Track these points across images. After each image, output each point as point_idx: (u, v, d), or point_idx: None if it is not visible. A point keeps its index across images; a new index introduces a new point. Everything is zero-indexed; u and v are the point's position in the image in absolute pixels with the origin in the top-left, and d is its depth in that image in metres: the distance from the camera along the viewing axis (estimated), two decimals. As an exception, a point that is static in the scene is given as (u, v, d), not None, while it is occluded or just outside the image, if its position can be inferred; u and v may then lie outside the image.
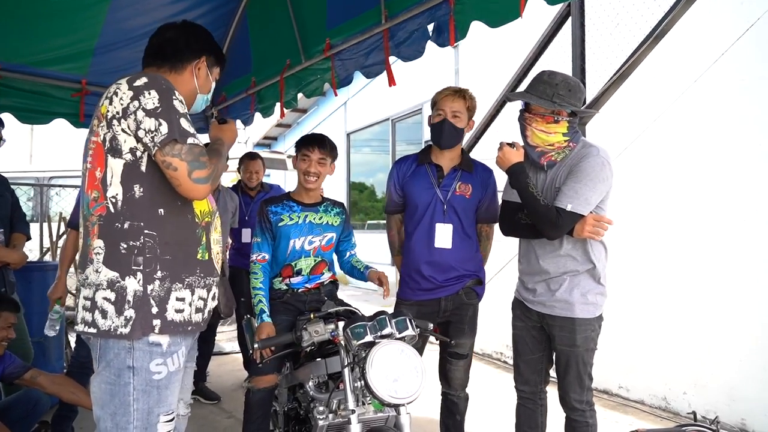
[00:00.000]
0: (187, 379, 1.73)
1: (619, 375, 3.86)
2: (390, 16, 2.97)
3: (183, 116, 1.48)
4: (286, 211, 2.48)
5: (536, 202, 2.02)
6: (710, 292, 3.37)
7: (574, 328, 2.08)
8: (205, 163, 1.49)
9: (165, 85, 1.48)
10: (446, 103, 2.40)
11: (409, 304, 2.45)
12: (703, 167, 3.46)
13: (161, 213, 1.50)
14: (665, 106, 3.57)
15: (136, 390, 1.45)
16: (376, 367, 1.60)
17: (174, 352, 1.52)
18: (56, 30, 3.38)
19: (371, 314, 1.83)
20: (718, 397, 3.29)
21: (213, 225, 1.66)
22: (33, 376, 2.39)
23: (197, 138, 1.50)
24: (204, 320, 1.62)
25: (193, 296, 1.56)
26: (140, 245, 1.47)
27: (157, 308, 1.47)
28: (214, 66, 1.76)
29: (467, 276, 2.46)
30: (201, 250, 1.59)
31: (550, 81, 2.07)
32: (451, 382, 2.51)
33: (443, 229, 2.40)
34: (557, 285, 2.10)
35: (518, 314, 2.30)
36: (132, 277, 1.45)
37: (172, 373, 1.51)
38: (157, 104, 1.44)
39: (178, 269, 1.52)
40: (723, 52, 3.14)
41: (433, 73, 6.80)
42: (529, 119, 2.10)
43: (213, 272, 1.63)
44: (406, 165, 2.56)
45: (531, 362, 2.26)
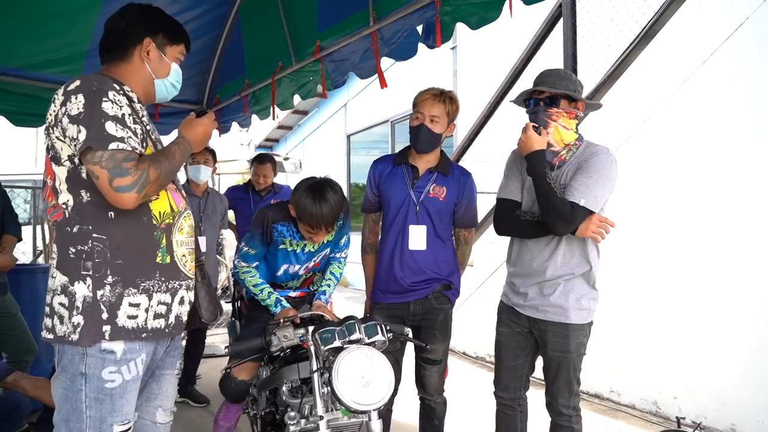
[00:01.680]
0: (168, 386, 1.67)
1: (610, 379, 3.83)
2: (378, 18, 2.97)
3: (113, 119, 1.38)
4: (289, 235, 2.38)
5: (553, 194, 1.93)
6: (701, 297, 3.34)
7: (568, 333, 2.04)
8: (128, 169, 1.37)
9: (96, 87, 1.40)
10: (425, 106, 2.35)
11: (379, 308, 2.44)
12: (693, 168, 3.43)
13: (111, 216, 1.44)
14: (656, 107, 3.54)
15: (88, 397, 1.41)
16: (342, 373, 1.58)
17: (130, 360, 1.46)
18: (49, 33, 3.39)
19: (341, 318, 1.82)
20: (708, 401, 3.25)
21: (177, 226, 1.57)
22: (15, 379, 2.38)
23: (128, 141, 1.39)
24: (170, 326, 1.55)
25: (151, 301, 1.49)
26: (88, 249, 1.42)
27: (107, 314, 1.42)
28: (167, 45, 1.61)
29: (437, 280, 2.42)
30: (161, 253, 1.52)
31: (569, 77, 2.06)
32: (427, 388, 2.48)
33: (417, 230, 2.37)
34: (551, 289, 2.05)
35: (504, 319, 2.24)
36: (81, 282, 1.42)
37: (127, 382, 1.45)
38: (81, 109, 1.37)
39: (131, 274, 1.46)
40: (712, 52, 3.11)
41: (431, 74, 6.79)
42: (555, 115, 2.03)
43: (178, 276, 1.56)
44: (383, 165, 2.54)
45: (512, 369, 2.22)
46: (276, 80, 3.76)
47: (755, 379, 3.06)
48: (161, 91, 1.64)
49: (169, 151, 1.52)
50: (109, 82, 1.45)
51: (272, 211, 2.37)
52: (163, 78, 1.62)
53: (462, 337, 4.70)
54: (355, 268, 2.66)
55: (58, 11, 3.23)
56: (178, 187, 1.67)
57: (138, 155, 1.42)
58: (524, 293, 2.12)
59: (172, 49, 1.63)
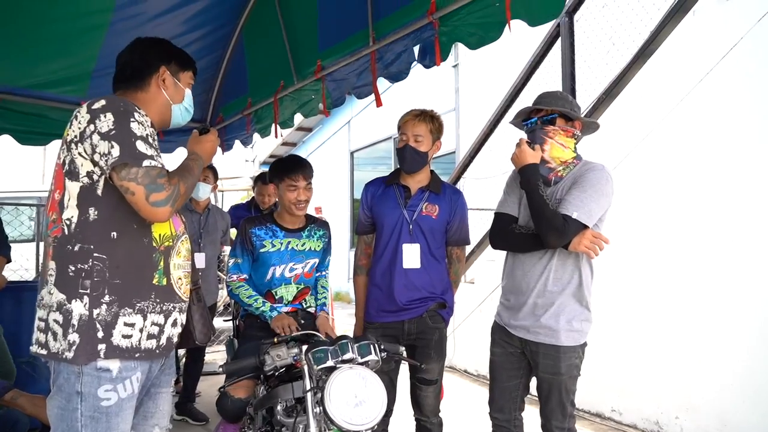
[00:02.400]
0: (163, 404, 1.69)
1: (611, 398, 3.79)
2: (377, 38, 3.02)
3: (141, 138, 1.46)
4: (269, 236, 2.46)
5: (545, 206, 1.95)
6: (702, 316, 3.32)
7: (559, 356, 2.02)
8: (162, 185, 1.45)
9: (123, 108, 1.47)
10: (408, 127, 2.40)
11: (374, 327, 2.44)
12: (691, 185, 3.44)
13: (114, 236, 1.48)
14: (654, 124, 3.56)
15: (84, 416, 1.42)
16: (334, 392, 1.58)
17: (126, 378, 1.47)
18: (56, 54, 3.45)
19: (335, 338, 1.82)
20: (709, 421, 3.22)
21: (175, 249, 1.61)
22: (13, 397, 2.39)
23: (156, 159, 1.47)
24: (161, 347, 1.57)
25: (145, 322, 1.52)
26: (88, 268, 1.45)
27: (102, 333, 1.44)
28: (180, 72, 1.71)
29: (431, 299, 2.43)
30: (158, 275, 1.55)
31: (565, 97, 2.12)
32: (423, 409, 2.47)
33: (410, 249, 2.39)
34: (542, 310, 2.04)
35: (497, 339, 2.24)
36: (78, 300, 1.43)
37: (123, 400, 1.47)
38: (112, 127, 1.43)
39: (128, 294, 1.48)
40: (708, 71, 3.13)
41: (434, 92, 6.85)
42: (552, 132, 2.07)
43: (173, 298, 1.59)
44: (375, 187, 2.57)
45: (507, 389, 2.20)
46: (278, 99, 3.81)
47: (757, 398, 3.02)
48: (176, 116, 1.72)
49: (188, 167, 1.61)
50: (131, 104, 1.52)
51: (248, 221, 2.50)
52: (179, 103, 1.71)
53: (463, 355, 4.68)
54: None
55: (65, 33, 3.30)
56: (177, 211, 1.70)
57: (167, 172, 1.50)
58: (516, 310, 2.12)
59: (184, 75, 1.72)
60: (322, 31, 3.46)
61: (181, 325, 1.64)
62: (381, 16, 3.02)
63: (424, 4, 2.68)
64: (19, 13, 3.06)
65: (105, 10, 3.25)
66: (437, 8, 2.62)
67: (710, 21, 3.38)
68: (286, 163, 2.51)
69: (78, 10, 3.18)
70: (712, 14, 3.36)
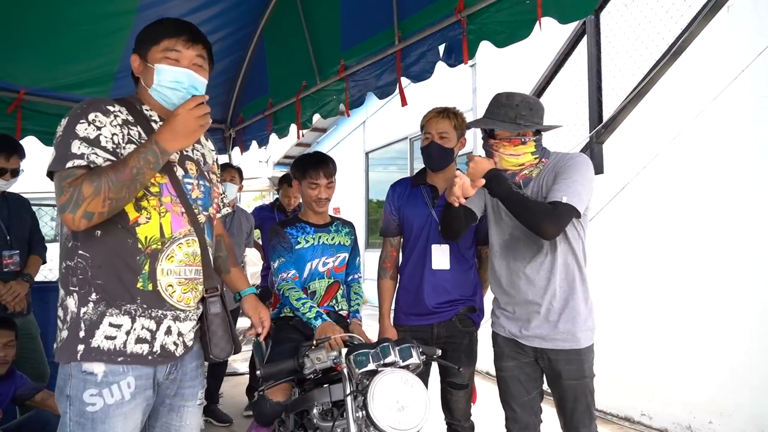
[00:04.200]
0: (190, 418, 1.59)
1: (641, 402, 3.73)
2: (403, 38, 3.00)
3: (83, 139, 1.34)
4: (301, 233, 2.47)
5: (526, 200, 1.85)
6: (735, 317, 3.25)
7: (581, 358, 1.95)
8: (63, 188, 1.30)
9: (81, 110, 1.39)
10: (432, 125, 2.36)
11: (403, 330, 2.40)
12: (721, 187, 3.37)
13: (98, 234, 1.41)
14: (684, 125, 3.49)
15: (72, 421, 1.36)
16: (377, 396, 1.55)
17: (113, 382, 1.37)
18: (80, 56, 3.48)
19: (375, 341, 1.79)
20: (745, 426, 3.15)
21: (166, 253, 1.45)
22: (44, 398, 2.41)
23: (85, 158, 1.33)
24: (155, 354, 1.45)
25: (134, 324, 1.42)
26: (74, 265, 1.40)
27: (84, 332, 1.37)
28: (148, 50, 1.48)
29: (461, 301, 2.38)
30: (142, 279, 1.43)
31: (510, 103, 1.96)
32: (454, 413, 2.44)
33: (440, 250, 2.35)
34: (557, 315, 1.95)
35: (507, 353, 2.09)
36: (71, 297, 1.40)
37: (110, 406, 1.37)
38: (60, 133, 1.37)
39: (112, 295, 1.40)
40: (743, 69, 3.06)
41: (451, 92, 6.81)
42: (495, 145, 1.99)
43: (162, 305, 1.46)
44: (401, 188, 2.54)
45: (527, 404, 2.07)
46: (300, 99, 3.80)
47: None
48: (161, 98, 1.50)
49: (122, 159, 1.37)
50: (100, 104, 1.42)
51: (278, 224, 2.50)
52: (150, 86, 1.49)
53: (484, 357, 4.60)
54: (374, 285, 2.64)
55: (89, 35, 3.32)
56: (190, 211, 1.53)
57: (84, 172, 1.33)
58: (526, 321, 2.02)
59: (152, 52, 1.47)
60: (345, 30, 3.45)
61: (179, 334, 1.52)
62: (407, 14, 3.00)
63: (452, 2, 2.66)
64: (44, 14, 3.08)
65: (129, 12, 3.26)
66: (465, 6, 2.60)
67: (743, 19, 3.30)
68: (309, 160, 2.51)
69: (102, 11, 3.19)
70: (746, 10, 3.28)
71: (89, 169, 1.34)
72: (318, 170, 2.44)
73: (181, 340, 1.53)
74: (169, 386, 1.56)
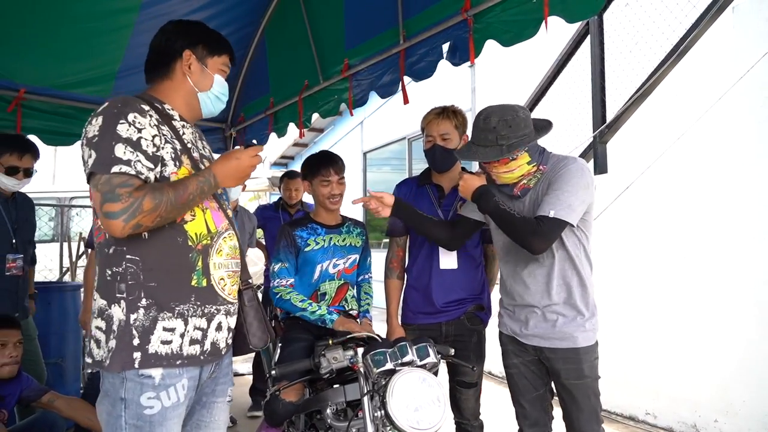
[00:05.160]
0: (220, 414, 1.61)
1: (645, 400, 3.74)
2: (408, 37, 2.99)
3: (125, 141, 1.34)
4: (312, 235, 2.45)
5: (512, 217, 1.88)
6: (742, 315, 3.26)
7: (580, 357, 1.94)
8: (120, 195, 1.30)
9: (117, 109, 1.37)
10: (433, 127, 2.36)
11: (411, 329, 2.40)
12: (725, 187, 3.38)
13: (145, 237, 1.39)
14: (688, 125, 3.51)
15: (128, 424, 1.36)
16: (396, 396, 1.54)
17: (170, 385, 1.40)
18: (81, 54, 3.44)
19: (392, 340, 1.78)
20: (750, 424, 3.16)
21: (215, 248, 1.49)
22: (50, 400, 2.39)
23: (134, 165, 1.34)
24: (206, 353, 1.48)
25: (187, 326, 1.43)
26: (122, 271, 1.38)
27: (138, 340, 1.37)
28: (208, 57, 1.56)
29: (469, 300, 2.39)
30: (196, 276, 1.45)
31: (487, 126, 1.90)
32: (463, 412, 2.43)
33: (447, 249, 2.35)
34: (554, 316, 1.96)
35: (510, 350, 2.12)
36: (117, 305, 1.37)
37: (167, 409, 1.39)
38: (96, 132, 1.34)
39: (165, 297, 1.40)
40: (748, 70, 3.07)
41: (449, 91, 6.80)
42: (488, 167, 1.98)
43: (215, 300, 1.49)
44: (407, 187, 2.53)
45: (536, 400, 2.08)
46: (302, 98, 3.78)
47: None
48: (206, 104, 1.59)
49: (182, 182, 1.42)
50: (135, 104, 1.42)
51: (289, 224, 2.48)
52: (206, 91, 1.57)
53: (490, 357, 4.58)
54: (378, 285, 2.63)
55: (91, 33, 3.28)
56: (222, 206, 1.60)
57: (141, 182, 1.36)
58: (524, 321, 2.04)
59: (213, 61, 1.58)
60: (348, 29, 3.44)
61: (229, 329, 1.55)
62: (412, 13, 2.99)
63: (458, 1, 2.65)
64: (45, 12, 3.05)
65: (131, 10, 3.23)
66: (472, 5, 2.59)
67: (748, 19, 3.32)
68: (318, 158, 2.50)
69: (104, 9, 3.17)
70: (752, 11, 3.30)
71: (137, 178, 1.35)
72: (328, 167, 2.43)
73: (227, 336, 1.55)
74: (209, 384, 1.58)
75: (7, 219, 2.87)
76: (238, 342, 1.60)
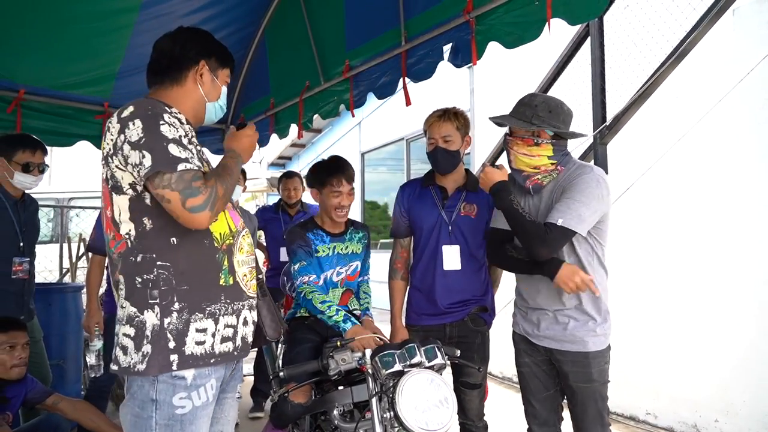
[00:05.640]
0: (230, 410, 1.65)
1: (645, 400, 3.75)
2: (410, 38, 2.99)
3: (173, 141, 1.39)
4: (318, 241, 2.43)
5: (523, 219, 1.91)
6: (742, 315, 3.28)
7: (588, 361, 1.96)
8: (199, 188, 1.37)
9: (151, 111, 1.41)
10: (435, 129, 2.36)
11: (415, 330, 2.41)
12: (725, 188, 3.40)
13: (174, 242, 1.43)
14: (688, 126, 3.52)
15: (159, 425, 1.39)
16: (406, 397, 1.56)
17: (200, 385, 1.44)
18: (81, 55, 3.44)
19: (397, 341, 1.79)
20: (751, 424, 3.18)
21: (237, 246, 1.55)
22: (55, 402, 2.38)
23: (191, 161, 1.40)
24: (238, 348, 1.53)
25: (218, 325, 1.48)
26: (154, 278, 1.41)
27: (174, 342, 1.41)
28: (219, 68, 1.63)
29: (473, 301, 2.40)
30: (223, 275, 1.50)
31: (530, 102, 2.02)
32: (468, 413, 2.44)
33: (450, 250, 2.36)
34: (565, 319, 1.99)
35: (522, 350, 2.16)
36: (150, 311, 1.40)
37: (197, 408, 1.43)
38: (141, 134, 1.37)
39: (197, 299, 1.44)
40: (748, 72, 3.10)
41: (448, 92, 6.81)
42: (510, 142, 2.04)
43: (241, 297, 1.54)
44: (411, 189, 2.53)
45: (546, 400, 2.11)
46: (303, 99, 3.78)
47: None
48: (210, 113, 1.64)
49: (226, 166, 1.51)
50: (160, 106, 1.46)
51: (300, 227, 2.46)
52: (214, 101, 1.63)
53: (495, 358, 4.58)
54: (376, 286, 2.63)
55: (91, 33, 3.28)
56: (235, 205, 1.65)
57: (203, 173, 1.42)
58: (537, 323, 2.07)
59: (222, 72, 1.64)
60: (349, 30, 3.44)
61: (253, 322, 1.60)
62: (413, 14, 2.99)
63: (460, 2, 2.65)
64: (45, 12, 3.04)
65: (131, 10, 3.22)
66: (474, 7, 2.60)
67: (749, 21, 3.33)
68: (328, 166, 2.45)
69: (104, 9, 3.16)
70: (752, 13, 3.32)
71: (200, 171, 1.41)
72: (340, 177, 2.39)
73: (252, 331, 1.60)
74: (228, 381, 1.61)
75: (16, 221, 2.85)
76: (255, 335, 1.63)
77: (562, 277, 1.86)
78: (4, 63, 3.32)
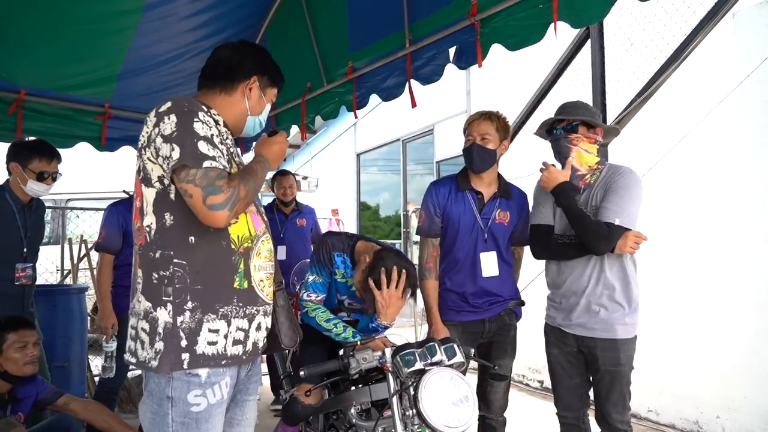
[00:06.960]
0: (250, 412, 1.66)
1: (648, 398, 3.79)
2: (414, 40, 3.01)
3: (204, 138, 1.41)
4: (342, 267, 2.35)
5: (587, 218, 2.08)
6: (742, 312, 3.33)
7: (617, 347, 2.13)
8: (221, 187, 1.38)
9: (187, 108, 1.43)
10: (474, 127, 2.42)
11: (453, 325, 2.44)
12: (726, 190, 3.45)
13: (192, 241, 1.44)
14: (689, 128, 3.57)
15: (175, 422, 1.41)
16: (429, 395, 1.58)
17: (215, 383, 1.45)
18: (81, 56, 3.42)
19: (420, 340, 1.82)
20: (752, 420, 3.22)
21: (255, 250, 1.55)
22: (66, 402, 2.38)
23: (218, 160, 1.41)
24: (247, 353, 1.53)
25: (230, 327, 1.47)
26: (170, 275, 1.42)
27: (186, 341, 1.41)
28: (268, 87, 1.67)
29: (510, 298, 2.49)
30: (238, 278, 1.50)
31: (586, 107, 2.25)
32: (491, 405, 2.47)
33: (488, 257, 2.41)
34: (597, 307, 2.14)
35: (553, 340, 2.31)
36: (163, 308, 1.41)
37: (212, 406, 1.44)
38: (174, 128, 1.40)
39: (210, 299, 1.45)
40: (748, 75, 3.15)
41: (444, 94, 6.84)
42: (576, 140, 2.21)
43: (255, 301, 1.54)
44: (446, 189, 2.50)
45: (572, 387, 2.27)
46: (305, 101, 3.79)
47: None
48: (249, 127, 1.68)
49: (252, 169, 1.54)
50: (198, 104, 1.48)
51: (332, 238, 2.37)
52: (256, 116, 1.66)
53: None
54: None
55: (93, 35, 3.26)
56: (259, 209, 1.65)
57: (228, 174, 1.43)
58: (569, 312, 2.21)
59: (270, 91, 1.69)
60: (352, 32, 3.44)
61: (267, 329, 1.60)
62: (418, 17, 3.01)
63: (465, 5, 2.67)
64: (46, 14, 3.03)
65: (135, 11, 3.21)
66: (479, 10, 2.62)
67: (749, 23, 3.39)
68: None
69: (108, 10, 3.15)
70: (752, 17, 3.37)
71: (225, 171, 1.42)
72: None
73: (265, 336, 1.60)
74: (244, 383, 1.62)
75: (21, 227, 2.83)
76: (270, 341, 1.64)
77: (622, 247, 2.08)
78: (5, 64, 3.30)
